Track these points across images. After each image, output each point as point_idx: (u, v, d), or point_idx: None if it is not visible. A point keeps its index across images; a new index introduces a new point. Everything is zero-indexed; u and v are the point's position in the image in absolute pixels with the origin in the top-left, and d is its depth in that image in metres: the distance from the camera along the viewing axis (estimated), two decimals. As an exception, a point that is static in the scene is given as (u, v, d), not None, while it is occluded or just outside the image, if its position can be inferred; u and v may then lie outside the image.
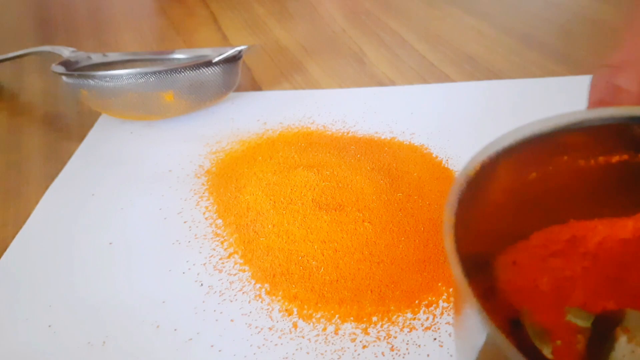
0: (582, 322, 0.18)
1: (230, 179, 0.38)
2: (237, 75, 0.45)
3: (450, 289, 0.28)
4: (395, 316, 0.27)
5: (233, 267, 0.31)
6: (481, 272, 0.17)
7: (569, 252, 0.21)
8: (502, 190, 0.20)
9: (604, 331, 0.17)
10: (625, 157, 0.21)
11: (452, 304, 0.28)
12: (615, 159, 0.21)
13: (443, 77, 0.49)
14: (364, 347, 0.26)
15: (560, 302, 0.18)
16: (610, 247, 0.21)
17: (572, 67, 0.48)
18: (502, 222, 0.20)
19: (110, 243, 0.34)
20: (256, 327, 0.28)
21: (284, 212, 0.33)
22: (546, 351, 0.17)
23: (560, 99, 0.43)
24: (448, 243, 0.15)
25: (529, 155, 0.20)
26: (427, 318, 0.27)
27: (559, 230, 0.21)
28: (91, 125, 0.46)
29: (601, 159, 0.21)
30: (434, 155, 0.39)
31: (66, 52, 0.48)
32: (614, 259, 0.20)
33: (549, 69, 0.49)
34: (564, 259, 0.20)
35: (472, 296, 0.13)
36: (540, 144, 0.19)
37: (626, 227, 0.21)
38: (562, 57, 0.50)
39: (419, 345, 0.26)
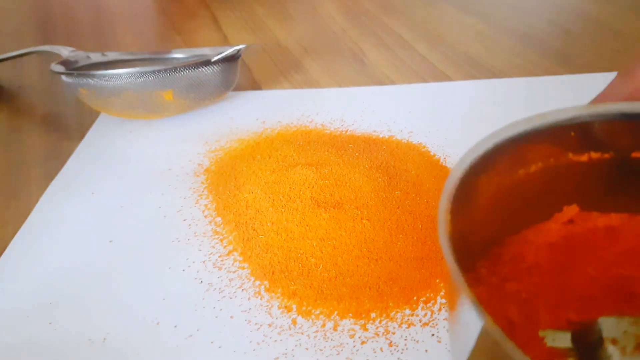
0: (562, 342, 0.17)
1: (229, 178, 0.38)
2: (236, 74, 0.45)
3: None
4: (393, 312, 0.28)
5: (232, 264, 0.31)
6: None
7: (515, 272, 0.20)
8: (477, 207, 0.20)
9: (590, 347, 0.16)
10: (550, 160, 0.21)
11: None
12: (550, 162, 0.21)
13: (443, 77, 0.49)
14: (362, 342, 0.26)
15: (533, 328, 0.17)
16: (544, 255, 0.20)
17: (571, 67, 0.48)
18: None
19: (110, 241, 0.34)
20: (256, 324, 0.28)
21: (282, 209, 0.33)
22: None
23: (559, 98, 0.43)
24: (442, 234, 0.15)
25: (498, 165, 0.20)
26: (425, 314, 0.27)
27: (499, 253, 0.21)
28: (90, 125, 0.46)
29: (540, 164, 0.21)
30: (431, 154, 0.39)
31: (65, 51, 0.48)
32: (551, 265, 0.20)
33: (548, 68, 0.49)
34: (515, 281, 0.20)
35: (466, 286, 0.14)
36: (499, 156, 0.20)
37: (550, 230, 0.21)
38: (562, 57, 0.50)
39: (417, 341, 0.26)
